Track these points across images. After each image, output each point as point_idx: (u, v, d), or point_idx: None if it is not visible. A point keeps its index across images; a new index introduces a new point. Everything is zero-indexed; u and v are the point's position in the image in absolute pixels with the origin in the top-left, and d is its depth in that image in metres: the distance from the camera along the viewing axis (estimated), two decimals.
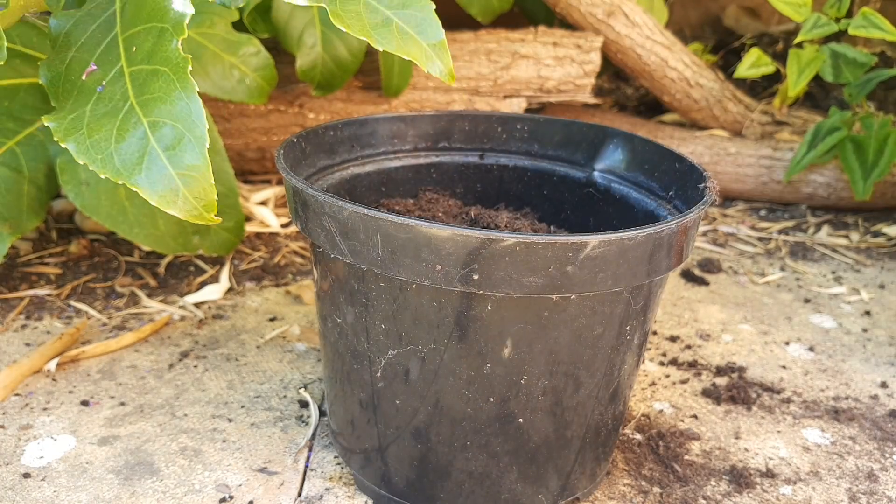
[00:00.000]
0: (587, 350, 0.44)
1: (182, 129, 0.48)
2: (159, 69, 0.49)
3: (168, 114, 0.48)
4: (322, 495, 0.52)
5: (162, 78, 0.49)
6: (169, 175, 0.47)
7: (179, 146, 0.47)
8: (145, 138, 0.48)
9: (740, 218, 1.10)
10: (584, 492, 0.51)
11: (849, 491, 0.55)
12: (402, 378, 0.45)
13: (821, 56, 1.09)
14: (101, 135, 0.49)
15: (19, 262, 0.84)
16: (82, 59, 0.53)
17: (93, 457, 0.55)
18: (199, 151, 0.47)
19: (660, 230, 0.40)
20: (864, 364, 0.73)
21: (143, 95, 0.49)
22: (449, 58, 0.51)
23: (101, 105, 0.50)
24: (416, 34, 0.51)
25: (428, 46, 0.51)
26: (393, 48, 0.50)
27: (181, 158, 0.47)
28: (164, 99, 0.48)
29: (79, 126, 0.49)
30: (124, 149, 0.48)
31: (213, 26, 0.79)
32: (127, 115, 0.49)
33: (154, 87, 0.49)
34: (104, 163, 0.48)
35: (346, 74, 0.96)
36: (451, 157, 0.63)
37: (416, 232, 0.39)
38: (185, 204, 0.48)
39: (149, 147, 0.48)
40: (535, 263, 0.39)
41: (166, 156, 0.47)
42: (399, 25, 0.50)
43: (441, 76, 0.51)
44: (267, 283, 0.83)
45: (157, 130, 0.48)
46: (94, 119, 0.49)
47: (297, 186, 0.44)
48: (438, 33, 0.51)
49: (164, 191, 0.47)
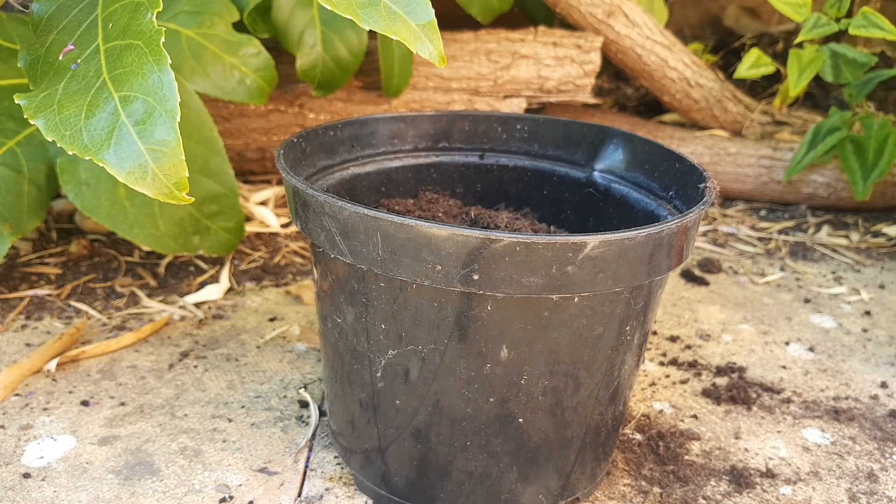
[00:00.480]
0: (587, 350, 0.44)
1: (153, 103, 0.46)
2: (133, 43, 0.48)
3: (140, 87, 0.47)
4: (322, 495, 0.52)
5: (135, 51, 0.47)
6: (138, 150, 0.46)
7: (150, 120, 0.46)
8: (115, 113, 0.46)
9: (740, 218, 1.10)
10: (584, 492, 0.51)
11: (849, 491, 0.55)
12: (402, 378, 0.45)
13: (821, 56, 1.09)
14: (71, 111, 0.47)
15: (19, 262, 0.84)
16: (62, 41, 0.52)
17: (93, 457, 0.55)
18: (170, 126, 0.46)
19: (660, 230, 0.40)
20: (864, 364, 0.73)
21: (115, 70, 0.48)
22: (439, 39, 0.50)
23: (74, 82, 0.49)
24: (405, 14, 0.49)
25: (417, 27, 0.49)
26: (380, 28, 0.48)
27: (151, 133, 0.46)
28: (136, 73, 0.47)
29: (49, 103, 0.48)
30: (94, 124, 0.47)
31: (214, 27, 0.79)
32: (98, 91, 0.47)
33: (127, 60, 0.47)
34: (73, 138, 0.47)
35: (347, 74, 0.96)
36: (451, 157, 0.63)
37: (417, 232, 0.39)
38: (154, 181, 0.46)
39: (119, 122, 0.46)
40: (535, 263, 0.39)
41: (136, 130, 0.46)
42: (387, 5, 0.49)
43: (431, 58, 0.50)
44: (267, 283, 0.83)
45: (127, 105, 0.46)
46: (66, 96, 0.48)
47: (298, 186, 0.44)
48: (428, 13, 0.50)
49: (133, 167, 0.46)
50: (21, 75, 0.71)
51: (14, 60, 0.70)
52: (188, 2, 0.78)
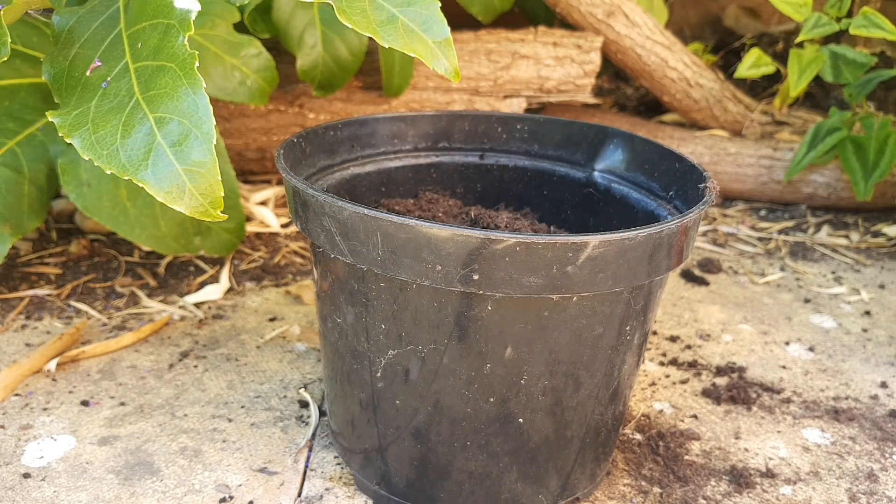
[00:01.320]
0: (587, 350, 0.44)
1: (189, 126, 0.47)
2: (165, 65, 0.49)
3: (174, 110, 0.48)
4: (322, 495, 0.52)
5: (168, 74, 0.48)
6: (175, 171, 0.47)
7: (186, 142, 0.47)
8: (151, 134, 0.48)
9: (740, 218, 1.10)
10: (584, 492, 0.52)
11: (849, 491, 0.55)
12: (402, 378, 0.45)
13: (821, 56, 1.09)
14: (106, 130, 0.48)
15: (19, 262, 0.84)
16: (86, 56, 0.53)
17: (93, 457, 0.55)
18: (206, 148, 0.47)
19: (660, 230, 0.40)
20: (864, 364, 0.73)
21: (148, 91, 0.48)
22: (454, 55, 0.51)
23: (106, 101, 0.49)
24: (422, 31, 0.50)
25: (434, 44, 0.51)
26: (398, 45, 0.49)
27: (188, 154, 0.47)
28: (171, 95, 0.48)
29: (84, 121, 0.49)
30: (130, 144, 0.48)
31: (215, 27, 0.79)
32: (133, 111, 0.48)
33: (160, 82, 0.48)
34: (110, 158, 0.48)
35: (347, 74, 0.96)
36: (451, 157, 0.63)
37: (417, 232, 0.39)
38: (191, 200, 0.47)
39: (155, 143, 0.47)
40: (535, 264, 0.39)
41: (172, 151, 0.47)
42: (404, 23, 0.50)
43: (447, 74, 0.51)
44: (267, 283, 0.83)
45: (163, 126, 0.47)
46: (100, 115, 0.49)
47: (298, 186, 0.44)
48: (444, 31, 0.51)
49: (171, 187, 0.47)
50: (21, 75, 0.71)
51: (15, 61, 0.70)
52: None
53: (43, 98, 0.72)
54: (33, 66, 0.71)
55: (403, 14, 0.51)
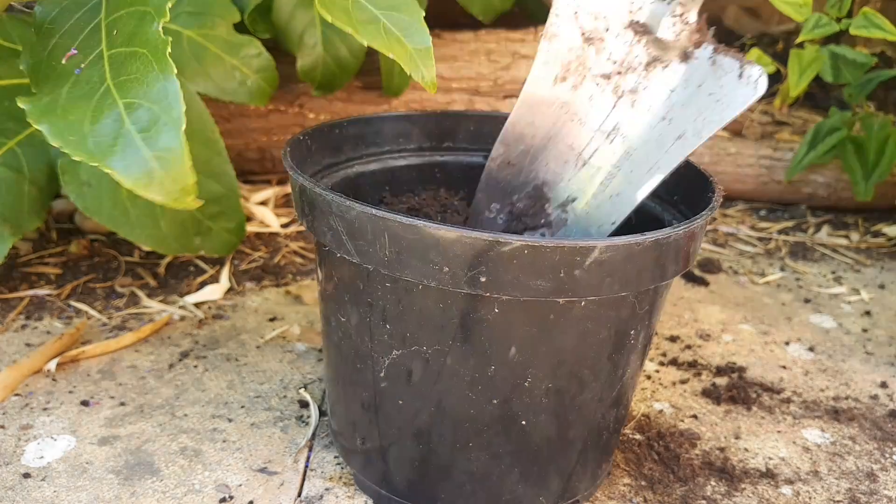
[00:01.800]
0: (592, 353, 0.44)
1: (158, 111, 0.46)
2: (138, 51, 0.48)
3: (144, 95, 0.47)
4: (322, 495, 0.52)
5: (140, 59, 0.47)
6: (144, 157, 0.46)
7: (155, 128, 0.46)
8: (120, 120, 0.46)
9: (740, 218, 1.10)
10: (585, 493, 0.52)
11: (849, 491, 0.55)
12: (406, 379, 0.45)
13: (822, 56, 1.09)
14: (75, 116, 0.47)
15: (19, 262, 0.84)
16: (65, 45, 0.52)
17: (93, 457, 0.55)
18: (175, 133, 0.46)
19: (667, 236, 0.40)
20: (864, 364, 0.73)
21: (119, 77, 0.48)
22: (433, 65, 0.51)
23: (77, 87, 0.48)
24: (403, 36, 0.50)
25: (413, 51, 0.50)
26: (378, 45, 0.49)
27: (157, 140, 0.46)
28: (141, 80, 0.47)
29: (53, 107, 0.48)
30: (99, 130, 0.46)
31: (215, 28, 0.79)
32: (103, 97, 0.47)
33: (131, 68, 0.47)
34: (77, 145, 0.47)
35: (347, 74, 0.96)
36: (455, 157, 0.63)
37: (424, 233, 0.39)
38: (161, 187, 0.46)
39: (123, 129, 0.46)
40: (542, 267, 0.38)
41: (141, 137, 0.46)
42: (386, 25, 0.50)
43: (423, 83, 0.51)
44: (267, 283, 0.83)
45: (132, 112, 0.46)
46: (70, 101, 0.48)
47: (305, 185, 0.44)
48: (425, 39, 0.51)
49: (139, 173, 0.46)
50: (21, 75, 0.70)
51: (14, 60, 0.70)
52: (189, 3, 0.78)
53: None
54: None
55: (386, 17, 0.51)
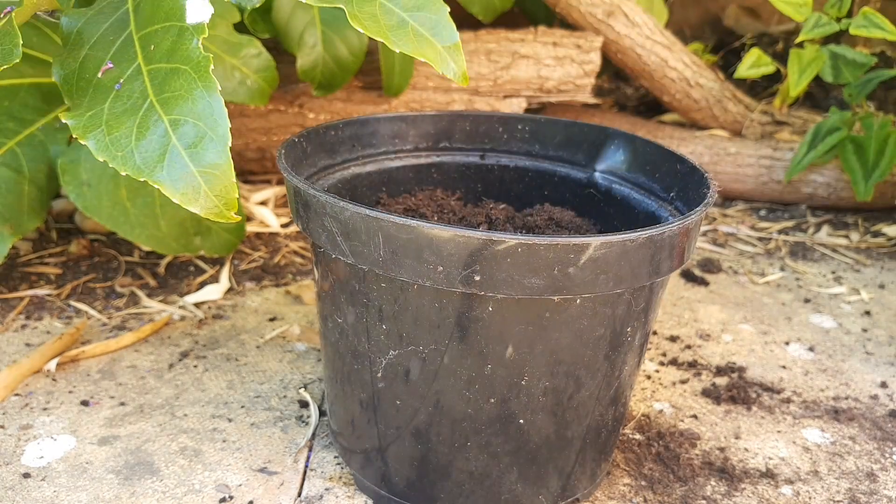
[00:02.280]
0: (588, 351, 0.44)
1: (204, 128, 0.48)
2: (180, 67, 0.49)
3: (189, 112, 0.48)
4: (322, 495, 0.52)
5: (182, 76, 0.49)
6: (190, 173, 0.47)
7: (201, 144, 0.47)
8: (166, 136, 0.48)
9: (740, 218, 1.10)
10: (585, 492, 0.52)
11: (849, 491, 0.55)
12: (403, 378, 0.45)
13: (822, 56, 1.09)
14: (120, 132, 0.49)
15: (19, 262, 0.84)
16: (97, 57, 0.53)
17: (93, 457, 0.55)
18: (221, 150, 0.47)
19: (661, 232, 0.40)
20: (864, 364, 0.73)
21: (163, 94, 0.49)
22: (463, 60, 0.52)
23: (119, 102, 0.50)
24: (431, 36, 0.51)
25: (443, 49, 0.51)
26: (409, 50, 0.50)
27: (203, 156, 0.47)
28: (185, 97, 0.48)
29: (98, 123, 0.49)
30: (145, 146, 0.48)
31: (215, 27, 0.79)
32: (147, 113, 0.49)
33: (174, 85, 0.49)
34: (125, 160, 0.48)
35: (347, 74, 0.96)
36: (452, 157, 0.63)
37: (418, 233, 0.39)
38: (206, 201, 0.48)
39: (170, 145, 0.48)
40: (536, 265, 0.39)
41: (188, 153, 0.47)
42: (414, 27, 0.51)
43: (455, 78, 0.51)
44: (267, 283, 0.83)
45: (178, 128, 0.48)
46: (113, 116, 0.49)
47: (299, 187, 0.44)
48: (453, 35, 0.52)
49: (186, 188, 0.47)
50: (22, 76, 0.71)
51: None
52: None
53: (43, 98, 0.72)
54: (34, 66, 0.71)
55: (413, 19, 0.51)
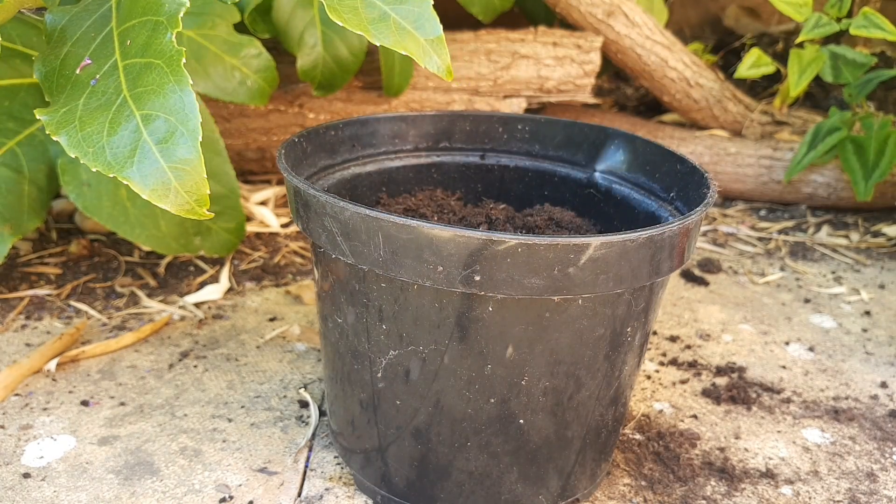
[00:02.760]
0: (588, 351, 0.44)
1: (175, 122, 0.47)
2: (153, 62, 0.48)
3: (161, 106, 0.47)
4: (322, 495, 0.52)
5: (155, 71, 0.48)
6: (161, 168, 0.47)
7: (172, 139, 0.47)
8: (137, 131, 0.47)
9: (740, 218, 1.10)
10: (585, 492, 0.52)
11: (849, 491, 0.55)
12: (403, 378, 0.45)
13: (822, 56, 1.09)
14: (93, 128, 0.48)
15: (19, 262, 0.84)
16: (77, 54, 0.52)
17: (93, 457, 0.55)
18: (191, 145, 0.47)
19: (661, 232, 0.40)
20: (864, 364, 0.73)
21: (136, 88, 0.48)
22: (447, 53, 0.51)
23: (94, 98, 0.49)
24: (414, 29, 0.50)
25: (426, 42, 0.50)
26: (390, 43, 0.49)
27: (173, 152, 0.47)
28: (157, 91, 0.47)
29: (71, 119, 0.49)
30: (116, 142, 0.47)
31: (215, 28, 0.79)
32: (119, 108, 0.48)
33: (147, 79, 0.48)
34: (95, 155, 0.47)
35: (347, 74, 0.96)
36: (452, 157, 0.63)
37: (418, 233, 0.39)
38: (176, 198, 0.47)
39: (141, 140, 0.47)
40: (536, 265, 0.39)
41: (158, 149, 0.47)
42: (396, 20, 0.50)
43: (438, 72, 0.50)
44: (267, 283, 0.83)
45: (149, 123, 0.47)
46: (87, 112, 0.49)
47: (299, 187, 0.44)
48: (436, 28, 0.51)
49: (156, 184, 0.47)
50: (21, 75, 0.71)
51: (14, 60, 0.70)
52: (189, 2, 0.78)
53: (43, 98, 0.72)
54: (33, 66, 0.71)
55: (395, 12, 0.50)
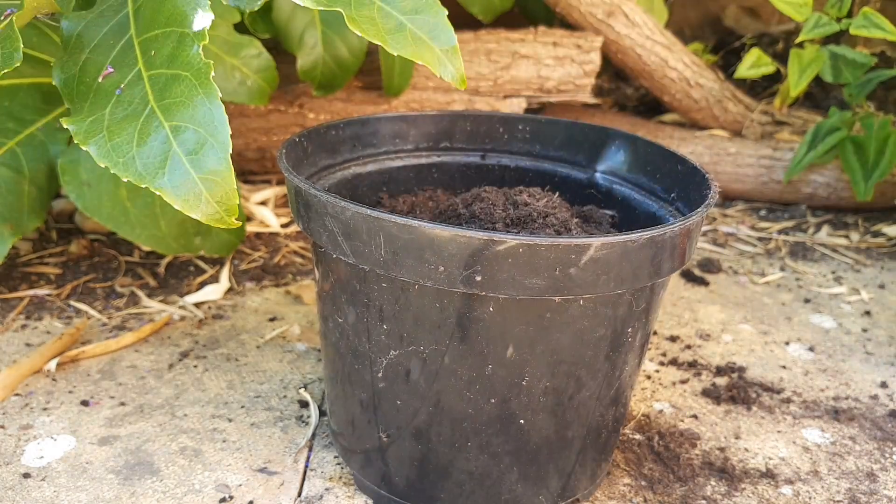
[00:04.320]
0: (589, 351, 0.44)
1: (205, 134, 0.48)
2: (180, 74, 0.49)
3: (190, 118, 0.48)
4: (322, 495, 0.52)
5: (183, 83, 0.49)
6: (192, 179, 0.47)
7: (202, 151, 0.48)
8: (167, 142, 0.48)
9: (740, 218, 1.10)
10: (585, 493, 0.52)
11: (849, 491, 0.55)
12: (404, 378, 0.45)
13: (822, 56, 1.09)
14: (121, 138, 0.49)
15: (19, 262, 0.84)
16: (97, 61, 0.53)
17: (93, 457, 0.55)
18: (222, 156, 0.48)
19: (662, 233, 0.40)
20: (864, 364, 0.73)
21: (164, 100, 0.49)
22: (461, 62, 0.52)
23: (120, 108, 0.50)
24: (429, 39, 0.51)
25: (441, 52, 0.51)
26: (407, 53, 0.50)
27: (204, 163, 0.47)
28: (186, 104, 0.48)
29: (98, 129, 0.50)
30: (146, 152, 0.48)
31: (215, 28, 0.79)
32: (148, 119, 0.49)
33: (175, 91, 0.49)
34: (126, 166, 0.48)
35: (347, 74, 0.96)
36: (452, 157, 0.63)
37: (419, 233, 0.39)
38: (207, 207, 0.48)
39: (171, 151, 0.48)
40: (537, 265, 0.38)
41: (188, 160, 0.48)
42: (412, 31, 0.51)
43: (453, 81, 0.51)
44: (267, 283, 0.83)
45: (179, 135, 0.48)
46: (115, 122, 0.49)
47: (300, 186, 0.44)
48: (451, 38, 0.52)
49: (187, 195, 0.48)
50: (21, 76, 0.71)
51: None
52: None
53: (43, 98, 0.72)
54: (34, 66, 0.71)
55: (411, 22, 0.51)
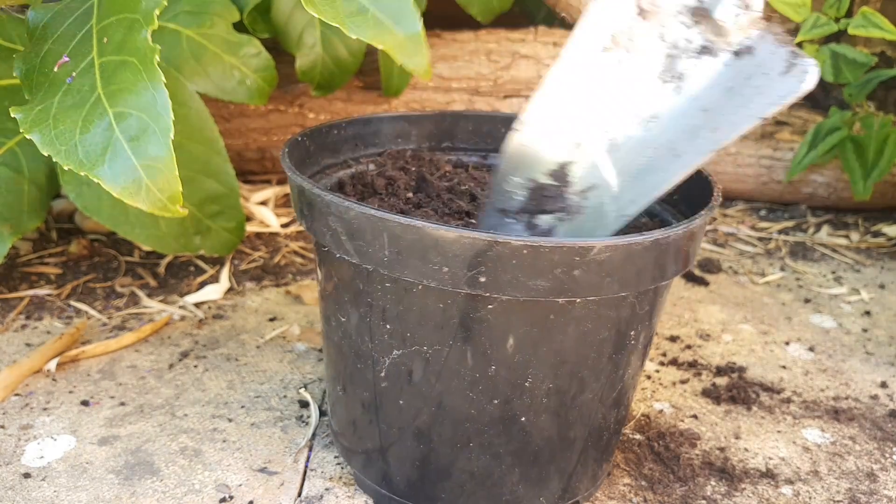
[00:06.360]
0: (592, 353, 0.44)
1: (147, 120, 0.46)
2: (127, 59, 0.48)
3: (134, 104, 0.47)
4: (322, 495, 0.52)
5: (129, 68, 0.48)
6: (132, 166, 0.46)
7: (144, 137, 0.46)
8: (110, 129, 0.47)
9: (740, 218, 1.10)
10: (585, 494, 0.52)
11: (849, 491, 0.55)
12: (406, 379, 0.45)
13: (821, 56, 1.09)
14: (66, 126, 0.48)
15: (19, 262, 0.84)
16: (57, 52, 0.52)
17: (93, 457, 0.55)
18: (163, 142, 0.46)
19: (667, 235, 0.40)
20: (864, 364, 0.73)
21: (110, 86, 0.48)
22: (426, 51, 0.50)
23: (69, 96, 0.49)
24: (393, 24, 0.49)
25: (404, 38, 0.50)
26: (367, 37, 0.48)
27: (145, 149, 0.46)
28: (131, 89, 0.47)
29: (45, 117, 0.48)
30: (88, 139, 0.47)
31: (214, 27, 0.79)
32: (93, 106, 0.48)
33: (121, 77, 0.48)
34: (67, 154, 0.47)
35: (346, 74, 0.96)
36: (455, 157, 0.63)
37: (424, 233, 0.39)
38: (148, 196, 0.47)
39: (113, 138, 0.47)
40: (541, 267, 0.38)
41: (130, 147, 0.46)
42: (375, 14, 0.49)
43: (417, 71, 0.49)
44: (267, 283, 0.83)
45: (122, 121, 0.47)
46: (62, 110, 0.48)
47: (303, 186, 0.44)
48: (415, 24, 0.50)
49: (127, 182, 0.46)
50: None
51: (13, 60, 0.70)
52: (188, 2, 0.78)
53: None
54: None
55: (374, 5, 0.50)
